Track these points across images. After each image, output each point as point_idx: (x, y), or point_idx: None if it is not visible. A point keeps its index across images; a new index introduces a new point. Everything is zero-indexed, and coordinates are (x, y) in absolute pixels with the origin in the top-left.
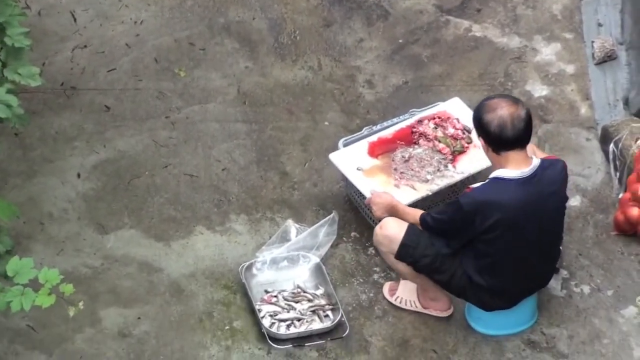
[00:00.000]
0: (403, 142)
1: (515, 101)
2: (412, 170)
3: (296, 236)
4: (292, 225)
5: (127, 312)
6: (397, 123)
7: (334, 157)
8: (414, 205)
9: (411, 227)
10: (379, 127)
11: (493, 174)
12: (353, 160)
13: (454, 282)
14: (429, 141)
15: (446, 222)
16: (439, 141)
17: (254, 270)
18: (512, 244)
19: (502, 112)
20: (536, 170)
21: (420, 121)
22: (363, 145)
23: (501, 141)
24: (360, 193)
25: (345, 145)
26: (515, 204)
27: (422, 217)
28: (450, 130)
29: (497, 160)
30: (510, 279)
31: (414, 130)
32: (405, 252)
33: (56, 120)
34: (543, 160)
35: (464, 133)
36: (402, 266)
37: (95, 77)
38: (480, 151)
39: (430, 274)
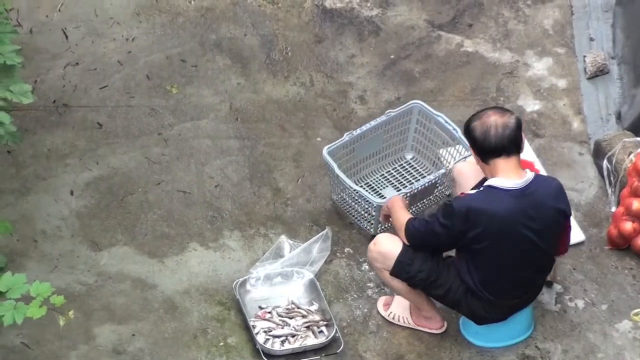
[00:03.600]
0: None
1: (506, 111)
2: None
3: (290, 252)
4: (285, 242)
5: (121, 328)
6: (373, 125)
7: None
8: None
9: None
10: (358, 131)
11: (487, 182)
12: None
13: (449, 296)
14: None
15: (437, 226)
16: None
17: (248, 287)
18: (503, 255)
19: (487, 119)
20: (530, 183)
21: None
22: None
23: (484, 148)
24: None
25: (329, 153)
26: (506, 215)
27: (409, 221)
28: None
29: (488, 169)
30: (503, 290)
31: None
32: (400, 268)
33: (48, 137)
34: (537, 175)
35: None
36: (397, 282)
37: (87, 94)
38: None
39: (426, 289)
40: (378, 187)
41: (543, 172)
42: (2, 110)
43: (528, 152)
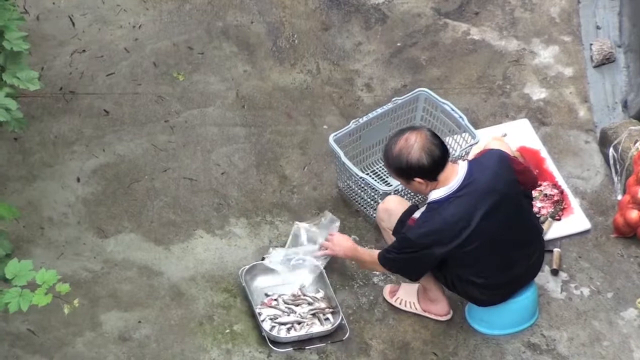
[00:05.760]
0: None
1: (413, 128)
2: None
3: (307, 239)
4: (301, 228)
5: (128, 315)
6: (380, 113)
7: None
8: None
9: (412, 206)
10: (364, 119)
11: (428, 200)
12: (515, 133)
13: (443, 277)
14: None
15: (404, 259)
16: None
17: (254, 274)
18: (485, 249)
19: (419, 143)
20: (465, 175)
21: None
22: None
23: (436, 165)
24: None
25: (335, 140)
26: (460, 218)
27: (380, 255)
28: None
29: (433, 187)
30: (495, 275)
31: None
32: (402, 228)
33: (55, 124)
34: (471, 162)
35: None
36: None
37: (94, 81)
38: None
39: None
40: (384, 175)
41: (549, 160)
42: (9, 97)
43: (534, 140)
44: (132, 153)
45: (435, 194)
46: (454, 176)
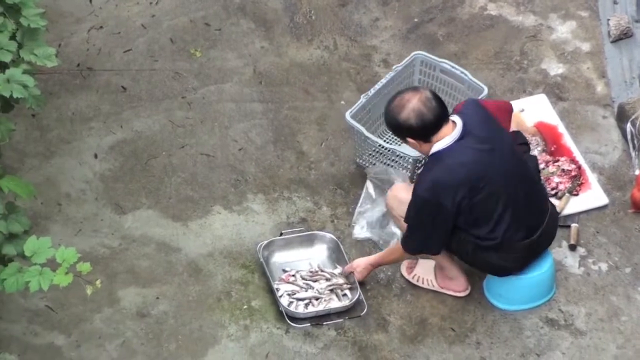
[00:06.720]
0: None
1: (415, 88)
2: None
3: (374, 191)
4: (369, 183)
5: (146, 292)
6: (384, 83)
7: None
8: None
9: None
10: (372, 91)
11: (431, 153)
12: (532, 109)
13: (461, 248)
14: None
15: (420, 222)
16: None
17: (272, 250)
18: (487, 200)
19: (412, 104)
20: (462, 127)
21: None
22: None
23: (426, 128)
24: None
25: (352, 116)
26: (465, 160)
27: (401, 242)
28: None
29: (429, 146)
30: (509, 232)
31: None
32: None
33: (73, 101)
34: (460, 114)
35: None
36: None
37: (112, 57)
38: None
39: None
40: (394, 143)
41: (566, 135)
42: (27, 74)
43: (551, 116)
44: (149, 129)
45: (436, 147)
46: (452, 130)
